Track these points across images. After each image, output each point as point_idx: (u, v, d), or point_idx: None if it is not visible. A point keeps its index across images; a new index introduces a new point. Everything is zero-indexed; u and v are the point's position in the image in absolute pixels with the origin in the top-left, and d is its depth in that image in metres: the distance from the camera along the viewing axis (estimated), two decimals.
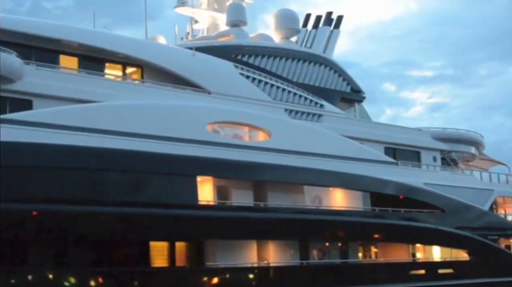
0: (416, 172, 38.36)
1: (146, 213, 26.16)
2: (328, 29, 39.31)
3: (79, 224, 24.87)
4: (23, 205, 23.45)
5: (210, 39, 35.31)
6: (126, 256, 26.38)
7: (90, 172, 25.37)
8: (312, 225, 32.31)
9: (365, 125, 37.70)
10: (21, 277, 23.67)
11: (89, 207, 24.99)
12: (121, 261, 26.14)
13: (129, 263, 26.29)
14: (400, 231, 35.81)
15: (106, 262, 25.71)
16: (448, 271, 37.91)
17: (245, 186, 30.90)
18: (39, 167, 24.06)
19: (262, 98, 32.84)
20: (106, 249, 25.83)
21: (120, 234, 25.83)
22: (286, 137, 32.24)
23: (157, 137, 27.53)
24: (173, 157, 27.48)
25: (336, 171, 33.50)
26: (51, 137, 24.38)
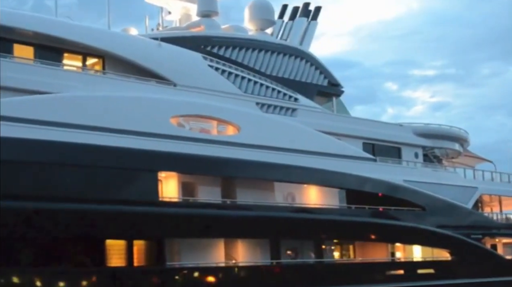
0: (396, 168, 37.06)
1: (101, 210, 24.85)
2: (305, 21, 37.92)
3: (31, 221, 23.57)
4: None
5: (181, 30, 33.98)
6: (81, 255, 25.10)
7: (43, 166, 24.11)
8: (284, 223, 31.07)
9: (342, 120, 36.40)
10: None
11: (41, 203, 23.70)
12: (75, 260, 24.89)
13: (84, 262, 25.03)
14: (378, 229, 34.55)
15: (59, 262, 24.44)
16: (429, 271, 36.63)
17: (212, 182, 29.63)
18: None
19: (232, 91, 31.53)
20: (59, 247, 24.55)
21: (74, 232, 24.50)
22: (256, 132, 30.97)
23: (116, 130, 26.23)
24: (132, 151, 26.20)
25: (309, 167, 32.22)
26: (3, 131, 23.07)
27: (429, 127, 41.02)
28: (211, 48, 32.16)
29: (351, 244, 36.41)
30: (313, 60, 36.45)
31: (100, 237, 25.26)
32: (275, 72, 34.36)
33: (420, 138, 39.85)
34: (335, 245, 35.37)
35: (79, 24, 28.88)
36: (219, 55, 32.24)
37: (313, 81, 36.20)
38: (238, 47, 33.15)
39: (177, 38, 31.25)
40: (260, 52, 34.00)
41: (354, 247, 36.61)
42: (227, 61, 32.31)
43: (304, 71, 35.81)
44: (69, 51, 27.86)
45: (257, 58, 33.81)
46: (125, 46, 28.90)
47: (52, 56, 27.12)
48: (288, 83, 34.59)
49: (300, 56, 35.86)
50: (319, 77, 36.52)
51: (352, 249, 36.69)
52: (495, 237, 43.60)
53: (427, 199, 36.97)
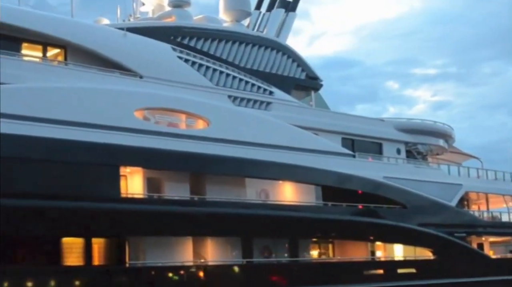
0: (375, 164, 35.87)
1: (56, 207, 23.64)
2: (283, 12, 36.69)
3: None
4: None
5: (152, 21, 32.76)
6: (35, 254, 23.99)
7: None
8: (256, 220, 29.92)
9: (320, 115, 35.18)
10: None
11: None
12: (29, 259, 23.77)
13: (38, 262, 23.90)
14: (356, 227, 33.40)
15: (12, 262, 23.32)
16: (410, 271, 35.44)
17: (180, 178, 28.48)
18: None
19: (202, 84, 30.34)
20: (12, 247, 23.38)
21: (28, 229, 23.31)
22: (227, 126, 29.81)
23: (76, 123, 25.06)
24: (91, 145, 25.01)
25: (283, 163, 31.06)
26: None
27: (412, 123, 39.83)
28: (181, 39, 30.96)
29: (329, 242, 35.29)
30: (290, 53, 35.25)
31: (56, 235, 24.06)
32: (250, 64, 33.19)
33: (403, 134, 38.65)
34: (311, 244, 34.19)
35: (39, 12, 27.63)
36: (190, 47, 31.06)
37: (290, 74, 35.00)
38: (211, 39, 31.97)
39: (145, 29, 30.04)
40: (234, 44, 32.81)
41: (333, 246, 35.50)
42: (198, 52, 31.12)
43: (281, 64, 34.62)
44: (28, 41, 26.65)
45: (231, 50, 32.62)
46: (88, 36, 27.70)
47: (11, 46, 25.89)
48: (263, 76, 33.41)
49: (277, 49, 34.67)
50: (297, 71, 35.33)
51: (331, 248, 35.57)
52: (481, 236, 42.48)
53: (408, 196, 35.82)
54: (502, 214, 44.50)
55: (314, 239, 34.07)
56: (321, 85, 36.88)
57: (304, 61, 35.81)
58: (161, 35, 30.19)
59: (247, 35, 33.76)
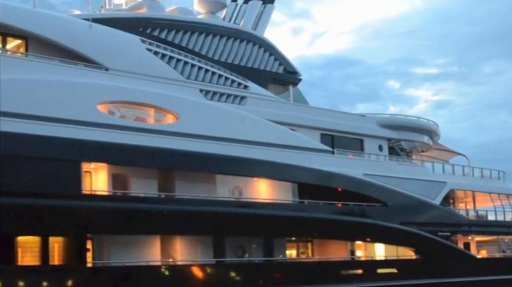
0: (355, 161, 34.80)
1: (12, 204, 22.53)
2: (260, 4, 35.57)
3: None
4: None
5: (121, 12, 31.71)
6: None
7: None
8: (228, 218, 28.84)
9: (298, 110, 34.04)
10: None
11: None
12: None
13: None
14: (333, 226, 32.32)
15: None
16: (391, 271, 34.34)
17: (147, 174, 27.45)
18: None
19: (173, 77, 29.27)
20: None
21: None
22: (197, 120, 28.76)
23: (36, 117, 23.96)
24: (51, 140, 23.93)
25: (257, 159, 30.04)
26: None
27: (394, 118, 38.85)
28: (152, 31, 29.91)
29: (308, 242, 34.27)
30: (267, 46, 34.18)
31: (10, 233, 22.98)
32: (224, 58, 32.15)
33: (385, 130, 37.60)
34: (289, 243, 33.16)
35: None
36: (161, 39, 30.02)
37: (267, 68, 33.95)
38: (183, 31, 30.92)
39: (113, 20, 28.97)
40: (207, 36, 31.77)
41: (312, 245, 34.47)
42: (170, 45, 30.08)
43: (257, 58, 33.57)
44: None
45: (204, 43, 31.57)
46: (51, 27, 26.61)
47: None
48: (239, 69, 32.36)
49: (253, 42, 33.61)
50: (274, 64, 34.26)
51: (310, 247, 34.54)
52: (467, 235, 41.43)
53: (390, 194, 34.81)
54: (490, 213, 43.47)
55: (291, 238, 33.04)
56: (300, 80, 35.77)
57: (282, 55, 34.73)
58: (130, 27, 29.14)
59: (222, 27, 32.71)
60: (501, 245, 44.97)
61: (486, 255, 43.64)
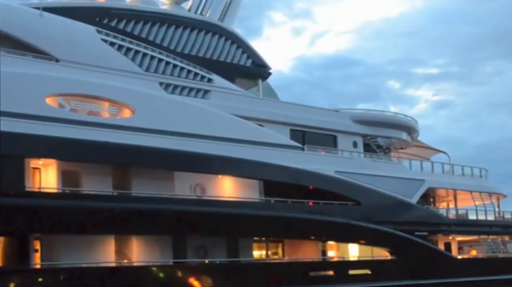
0: (326, 158, 33.44)
1: None
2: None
3: None
4: None
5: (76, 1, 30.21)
6: None
7: None
8: (189, 217, 27.49)
9: (266, 105, 32.67)
10: None
11: None
12: None
13: None
14: (302, 226, 30.91)
15: None
16: (364, 272, 32.95)
17: (101, 171, 26.09)
18: None
19: (130, 69, 27.94)
20: None
21: None
22: (154, 114, 27.43)
23: None
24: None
25: (220, 156, 28.68)
26: None
27: (370, 114, 37.32)
28: (109, 21, 28.61)
29: (278, 242, 32.97)
30: (235, 38, 32.81)
31: None
32: (188, 50, 30.86)
33: (360, 126, 36.24)
34: (256, 243, 31.88)
35: None
36: (119, 30, 28.70)
37: (234, 61, 32.60)
38: (142, 21, 29.61)
39: (66, 9, 27.64)
40: (169, 27, 30.46)
41: (283, 245, 33.15)
42: (129, 36, 28.79)
43: (224, 50, 32.22)
44: None
45: (166, 34, 30.28)
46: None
47: None
48: (204, 62, 31.03)
49: (220, 34, 32.26)
50: (242, 57, 32.90)
51: (280, 248, 33.22)
52: (448, 235, 40.08)
53: (363, 192, 33.46)
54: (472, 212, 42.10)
55: (259, 239, 31.73)
56: (270, 74, 34.38)
57: (251, 48, 33.37)
58: (86, 17, 27.82)
59: (185, 19, 31.35)
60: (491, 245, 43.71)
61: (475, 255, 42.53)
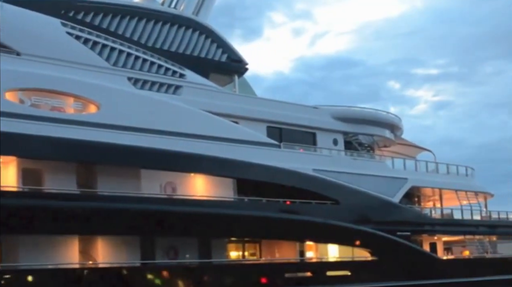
0: (304, 155, 32.48)
1: None
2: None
3: None
4: None
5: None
6: None
7: None
8: (158, 217, 26.53)
9: (241, 101, 31.69)
10: None
11: None
12: None
13: None
14: (277, 225, 29.93)
15: None
16: (343, 273, 31.95)
17: (65, 169, 25.15)
18: None
19: (96, 64, 26.98)
20: None
21: None
22: (121, 110, 26.49)
23: None
24: None
25: (191, 153, 27.72)
26: None
27: (351, 111, 36.24)
28: (75, 14, 27.66)
29: (255, 242, 32.00)
30: (209, 32, 31.79)
31: None
32: (159, 44, 29.90)
33: (340, 123, 35.25)
34: (232, 244, 30.97)
35: None
36: (86, 23, 27.74)
37: (209, 56, 31.61)
38: (111, 14, 28.67)
39: (31, 1, 26.59)
40: (140, 21, 29.52)
41: (260, 246, 32.18)
42: (96, 29, 27.80)
43: (198, 45, 31.23)
44: None
45: (136, 28, 29.33)
46: None
47: None
48: (176, 57, 30.07)
49: (193, 28, 31.26)
50: (217, 52, 31.90)
51: (258, 248, 32.26)
52: (432, 235, 39.12)
53: (342, 191, 32.48)
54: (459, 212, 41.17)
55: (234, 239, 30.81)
56: (246, 69, 33.37)
57: (226, 43, 32.38)
58: (50, 9, 26.84)
59: (157, 12, 30.36)
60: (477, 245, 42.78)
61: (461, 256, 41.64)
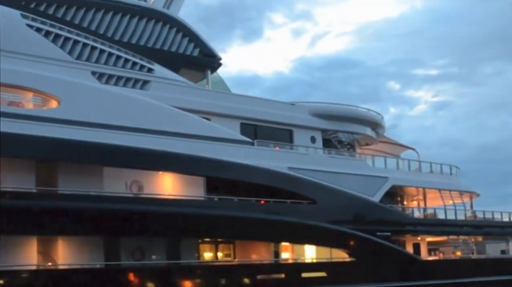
0: (278, 153, 31.44)
1: None
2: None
3: None
4: None
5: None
6: None
7: None
8: (123, 216, 25.53)
9: (213, 97, 30.65)
10: None
11: None
12: None
13: None
14: (250, 225, 28.90)
15: None
16: (319, 275, 30.90)
17: (23, 166, 24.13)
18: None
19: (58, 57, 25.96)
20: None
21: None
22: (83, 106, 25.47)
23: None
24: None
25: (156, 150, 26.72)
26: None
27: (330, 108, 35.03)
28: (37, 5, 26.69)
29: (229, 243, 30.96)
30: (181, 26, 30.77)
31: None
32: (127, 38, 29.01)
33: (318, 120, 34.17)
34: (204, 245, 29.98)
35: None
36: (49, 15, 26.77)
37: (179, 50, 30.61)
38: (76, 7, 27.70)
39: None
40: (106, 13, 28.55)
41: (234, 247, 31.15)
42: (60, 22, 26.79)
43: (168, 39, 30.26)
44: None
45: (102, 21, 28.36)
46: None
47: None
48: (145, 51, 29.07)
49: (164, 21, 30.27)
50: (188, 47, 30.89)
51: (232, 249, 31.21)
52: (416, 235, 38.10)
53: (318, 189, 31.46)
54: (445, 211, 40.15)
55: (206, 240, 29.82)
56: (220, 64, 32.34)
57: (198, 37, 31.33)
58: (10, 0, 25.81)
59: (125, 4, 29.35)
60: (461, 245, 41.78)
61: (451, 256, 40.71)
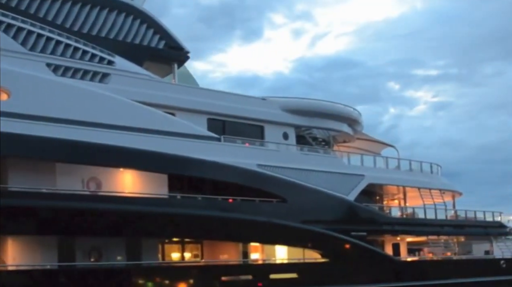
0: (247, 150, 30.27)
1: None
2: None
3: None
4: None
5: None
6: None
7: None
8: (78, 215, 24.37)
9: (178, 91, 29.41)
10: None
11: None
12: None
13: None
14: (215, 225, 27.74)
15: None
16: (289, 276, 29.73)
17: None
18: None
19: (10, 48, 24.68)
20: None
21: None
22: (35, 99, 24.28)
23: None
24: None
25: (113, 146, 25.57)
26: None
27: (303, 103, 33.70)
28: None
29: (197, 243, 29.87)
30: (145, 17, 29.53)
31: None
32: (87, 29, 27.78)
33: (291, 116, 32.95)
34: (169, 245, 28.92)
35: None
36: (2, 4, 25.59)
37: (143, 42, 29.40)
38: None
39: None
40: (65, 3, 27.39)
41: (202, 247, 30.00)
42: (13, 12, 25.59)
43: (131, 30, 29.05)
44: None
45: (60, 11, 27.17)
46: None
47: None
48: (106, 43, 27.85)
49: (127, 12, 29.05)
50: (153, 39, 29.68)
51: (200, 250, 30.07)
52: (395, 235, 36.92)
53: (289, 187, 30.31)
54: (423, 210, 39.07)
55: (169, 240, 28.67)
56: (187, 58, 31.10)
57: (164, 29, 30.09)
58: None
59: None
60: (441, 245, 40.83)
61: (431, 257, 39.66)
